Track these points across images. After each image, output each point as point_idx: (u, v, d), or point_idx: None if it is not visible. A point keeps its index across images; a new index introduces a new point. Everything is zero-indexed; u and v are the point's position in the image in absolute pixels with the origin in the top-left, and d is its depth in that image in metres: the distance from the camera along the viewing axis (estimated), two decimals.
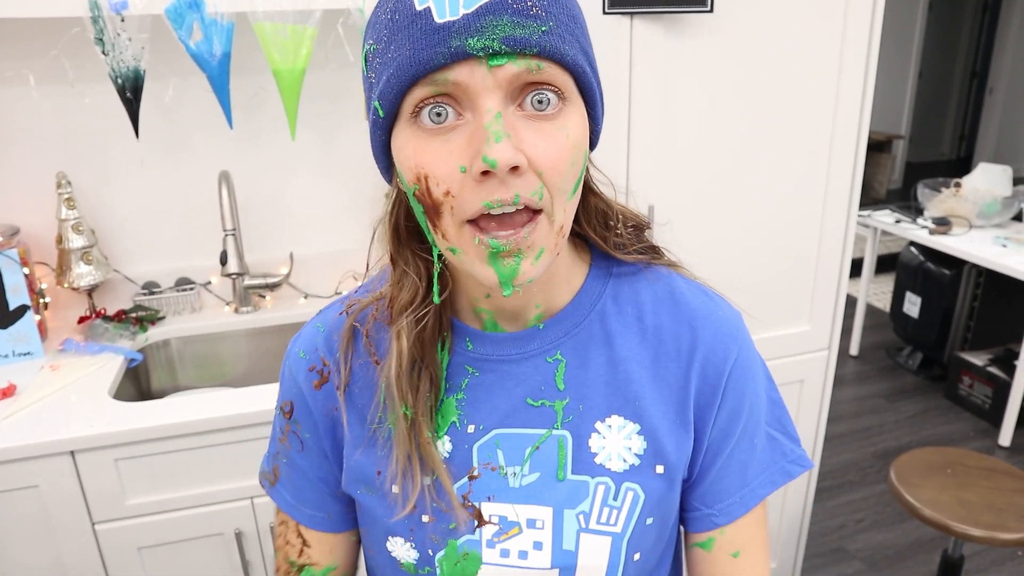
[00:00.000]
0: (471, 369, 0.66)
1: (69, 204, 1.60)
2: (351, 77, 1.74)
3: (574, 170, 0.53)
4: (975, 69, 7.16)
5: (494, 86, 0.49)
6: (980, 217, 3.03)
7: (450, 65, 0.48)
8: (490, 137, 0.48)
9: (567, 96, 0.51)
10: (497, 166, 0.47)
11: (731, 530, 0.68)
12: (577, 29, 0.52)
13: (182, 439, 1.31)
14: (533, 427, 0.64)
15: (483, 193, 0.49)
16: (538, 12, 0.48)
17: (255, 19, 1.49)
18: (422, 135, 0.51)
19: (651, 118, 1.45)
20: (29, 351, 1.53)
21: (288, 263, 1.81)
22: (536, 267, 0.53)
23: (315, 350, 0.69)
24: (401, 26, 0.49)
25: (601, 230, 0.67)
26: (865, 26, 1.53)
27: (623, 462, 0.64)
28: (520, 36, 0.48)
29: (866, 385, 3.41)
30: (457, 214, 0.51)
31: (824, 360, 1.80)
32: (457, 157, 0.50)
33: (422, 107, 0.50)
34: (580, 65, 0.51)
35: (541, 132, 0.50)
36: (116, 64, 1.46)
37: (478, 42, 0.47)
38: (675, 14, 1.39)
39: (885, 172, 6.19)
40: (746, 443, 0.68)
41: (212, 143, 1.72)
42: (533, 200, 0.50)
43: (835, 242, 1.69)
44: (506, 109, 0.50)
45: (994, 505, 1.66)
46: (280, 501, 0.73)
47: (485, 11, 0.47)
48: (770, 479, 0.68)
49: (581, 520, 0.64)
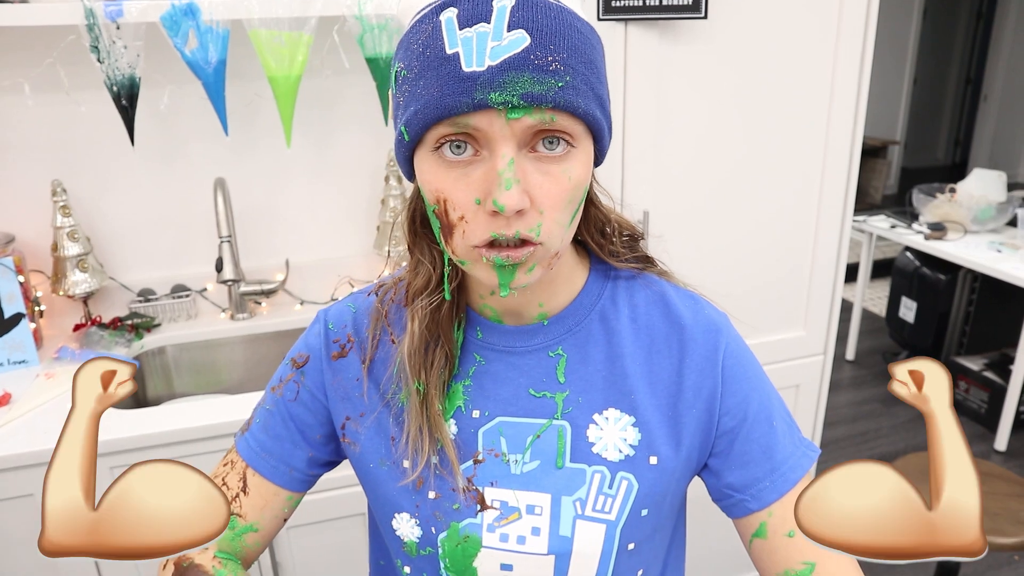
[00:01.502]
0: (479, 357, 0.71)
1: (64, 212, 1.60)
2: (346, 84, 1.74)
3: (571, 207, 0.59)
4: (970, 75, 7.20)
5: (510, 135, 0.54)
6: (975, 222, 3.04)
7: (472, 113, 0.53)
8: (502, 184, 0.53)
9: (575, 141, 0.57)
10: (505, 211, 0.53)
11: (780, 510, 0.68)
12: (593, 76, 0.56)
13: (178, 446, 1.30)
14: (535, 417, 0.69)
15: (492, 226, 0.56)
16: (557, 67, 0.53)
17: (251, 26, 1.49)
18: (443, 164, 0.56)
19: (646, 124, 1.45)
20: (24, 359, 1.53)
21: (284, 270, 1.81)
22: (530, 276, 0.59)
23: (343, 326, 0.75)
24: (431, 65, 0.54)
25: (599, 237, 0.73)
26: (859, 32, 1.54)
27: (619, 452, 0.68)
28: (538, 92, 0.52)
29: (862, 390, 3.42)
30: (468, 237, 0.57)
31: (820, 365, 1.80)
32: (474, 190, 0.56)
33: (444, 141, 0.55)
34: (592, 113, 0.56)
35: (547, 174, 0.56)
36: (111, 72, 1.46)
37: (499, 96, 0.52)
38: (669, 20, 1.39)
39: (880, 177, 6.21)
40: (764, 426, 0.70)
41: (208, 150, 1.72)
42: (531, 236, 0.56)
43: (830, 247, 1.69)
44: (519, 152, 0.55)
45: (990, 510, 1.66)
46: (243, 447, 0.75)
47: (508, 66, 0.52)
48: (798, 463, 0.70)
49: (577, 507, 0.68)
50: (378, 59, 1.60)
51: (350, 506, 1.43)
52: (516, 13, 0.52)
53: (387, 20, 1.55)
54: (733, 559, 1.79)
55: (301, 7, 1.50)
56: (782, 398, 0.74)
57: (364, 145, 1.81)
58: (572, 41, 0.54)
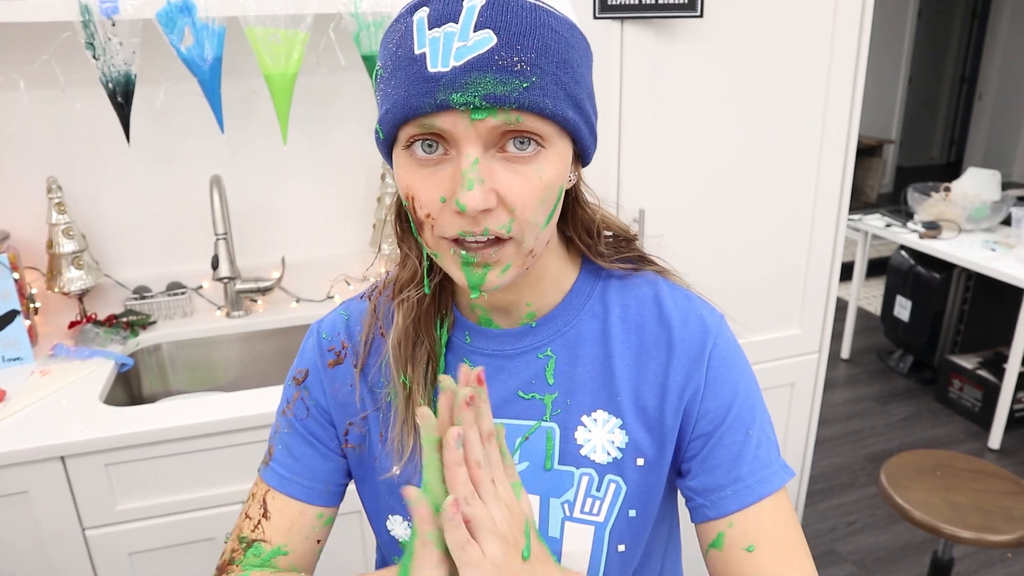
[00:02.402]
0: (467, 362, 0.71)
1: (60, 209, 1.60)
2: (343, 81, 1.74)
3: (544, 207, 0.58)
4: (964, 74, 7.22)
5: (475, 136, 0.54)
6: (969, 221, 3.05)
7: (436, 113, 0.53)
8: (465, 184, 0.54)
9: (546, 141, 0.56)
10: (466, 210, 0.54)
11: (741, 522, 0.65)
12: (566, 76, 0.55)
13: (173, 444, 1.30)
14: (524, 418, 0.69)
15: (459, 223, 0.56)
16: (523, 68, 0.52)
17: (247, 23, 1.49)
18: (414, 163, 0.57)
19: (642, 122, 1.46)
20: (19, 356, 1.52)
21: (280, 267, 1.81)
22: (502, 278, 0.59)
23: (337, 334, 0.75)
24: (400, 65, 0.54)
25: (586, 238, 0.72)
26: (854, 31, 1.54)
27: (606, 455, 0.68)
28: (500, 93, 0.52)
29: (857, 388, 3.43)
30: (437, 231, 0.58)
31: (815, 363, 1.80)
32: (440, 189, 0.56)
33: (414, 140, 0.56)
34: (561, 114, 0.55)
35: (517, 173, 0.56)
36: (107, 69, 1.45)
37: (461, 97, 0.52)
38: (666, 19, 1.40)
39: (876, 176, 6.22)
40: (739, 435, 0.67)
41: (203, 147, 1.72)
42: (501, 232, 0.56)
43: (825, 246, 1.70)
44: (486, 152, 0.55)
45: (983, 507, 1.67)
46: (271, 477, 0.74)
47: (472, 67, 0.52)
48: (768, 479, 0.67)
49: (566, 509, 0.68)
50: (374, 57, 1.60)
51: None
52: (485, 13, 0.52)
53: (383, 18, 1.55)
54: None
55: (297, 5, 1.50)
56: (768, 413, 0.72)
57: (360, 143, 1.81)
58: (543, 41, 0.53)
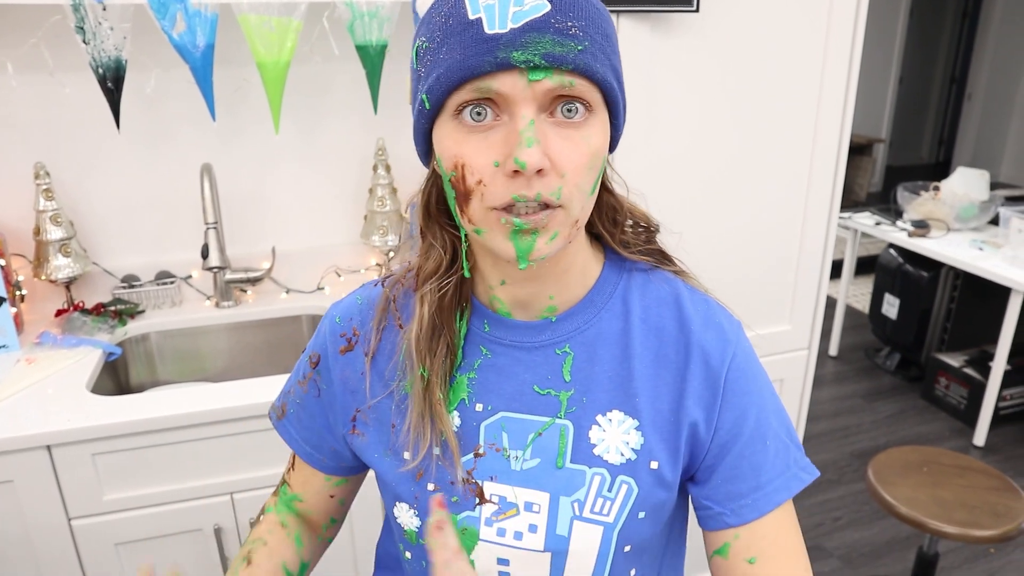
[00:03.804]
0: (485, 350, 0.70)
1: (47, 195, 1.58)
2: (336, 71, 1.73)
3: (592, 173, 0.58)
4: (954, 75, 7.26)
5: (531, 97, 0.54)
6: (958, 220, 3.07)
7: (494, 74, 0.54)
8: (523, 142, 0.54)
9: (593, 108, 0.57)
10: (526, 168, 0.53)
11: (746, 535, 0.67)
12: (609, 47, 0.58)
13: (160, 434, 1.29)
14: (538, 414, 0.69)
15: (512, 187, 0.55)
16: (577, 32, 0.54)
17: (240, 11, 1.47)
18: (463, 130, 0.57)
19: (636, 117, 1.45)
20: (5, 344, 1.51)
21: (270, 257, 1.80)
22: (550, 246, 0.59)
23: (349, 319, 0.76)
24: (454, 31, 0.55)
25: (609, 226, 0.72)
26: (848, 31, 1.54)
27: (620, 455, 0.67)
28: (559, 53, 0.53)
29: (845, 385, 3.45)
30: (487, 200, 0.57)
31: (804, 360, 1.81)
32: (493, 153, 0.56)
33: (464, 107, 0.56)
34: (609, 81, 0.57)
35: (567, 139, 0.56)
36: (97, 54, 1.44)
37: (521, 55, 0.53)
38: (661, 13, 1.39)
39: (866, 175, 6.26)
40: (758, 445, 0.68)
41: (194, 135, 1.70)
42: (552, 199, 0.56)
43: (816, 243, 1.71)
44: (538, 116, 0.55)
45: (968, 503, 1.69)
46: (285, 434, 0.82)
47: (530, 28, 0.53)
48: (785, 484, 0.68)
49: (576, 508, 0.67)
50: (368, 46, 1.59)
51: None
52: None
53: (377, 7, 1.54)
54: None
55: None
56: (786, 413, 0.72)
57: (353, 133, 1.80)
58: (590, 12, 0.56)
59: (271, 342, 1.77)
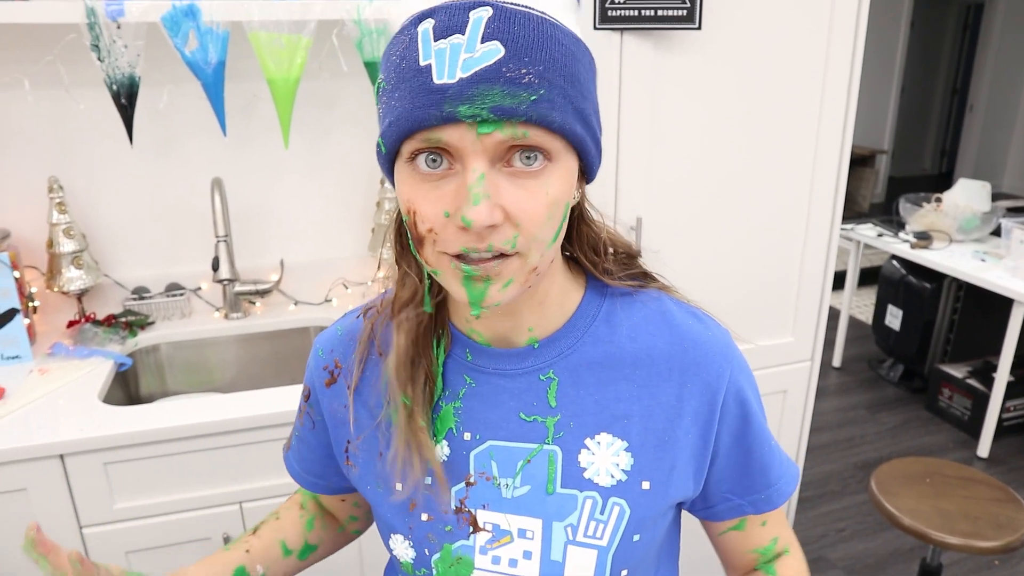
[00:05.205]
0: (469, 379, 0.69)
1: (60, 208, 1.61)
2: (344, 87, 1.75)
3: (551, 223, 0.56)
4: (956, 86, 7.29)
5: (481, 150, 0.52)
6: (960, 232, 3.09)
7: (442, 127, 0.52)
8: (470, 199, 0.52)
9: (553, 156, 0.55)
10: (472, 226, 0.52)
11: (761, 516, 0.75)
12: (573, 90, 0.54)
13: (171, 443, 1.31)
14: (525, 441, 0.68)
15: (462, 240, 0.54)
16: (531, 80, 0.51)
17: (250, 28, 1.50)
18: (416, 177, 0.55)
19: (640, 133, 1.48)
20: (18, 355, 1.53)
21: (278, 270, 1.82)
22: (503, 294, 0.57)
23: (331, 351, 0.76)
24: (405, 76, 0.53)
25: (591, 255, 0.70)
26: (848, 43, 1.57)
27: (611, 477, 0.67)
28: (509, 106, 0.51)
29: (848, 396, 3.45)
30: (439, 246, 0.56)
31: (807, 371, 1.83)
32: (444, 204, 0.54)
33: (418, 154, 0.54)
34: (568, 127, 0.54)
35: (523, 188, 0.54)
36: (111, 70, 1.47)
37: (468, 110, 0.50)
38: (664, 31, 1.42)
39: (868, 186, 6.28)
40: (764, 447, 0.73)
41: (205, 149, 1.73)
42: (506, 248, 0.55)
43: (819, 255, 1.72)
44: (492, 168, 0.53)
45: (971, 514, 1.70)
46: (289, 467, 0.86)
47: (479, 79, 0.50)
48: (791, 480, 0.76)
49: (569, 532, 0.67)
50: (376, 63, 1.61)
51: None
52: (492, 24, 0.51)
53: (385, 25, 1.57)
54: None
55: (300, 10, 1.52)
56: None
57: (361, 148, 1.83)
58: (551, 53, 0.52)
59: (279, 353, 1.79)
